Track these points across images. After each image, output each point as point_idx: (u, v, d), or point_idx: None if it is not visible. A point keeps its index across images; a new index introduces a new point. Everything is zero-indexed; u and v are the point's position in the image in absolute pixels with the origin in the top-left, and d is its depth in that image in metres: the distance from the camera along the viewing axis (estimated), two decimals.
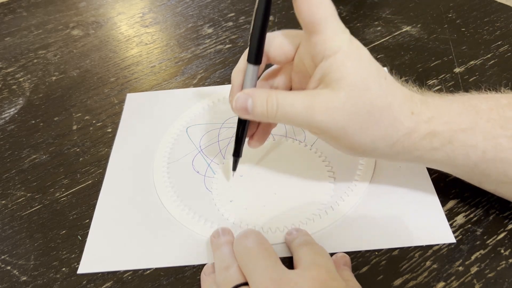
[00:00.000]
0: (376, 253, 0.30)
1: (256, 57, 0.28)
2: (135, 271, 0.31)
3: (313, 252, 0.27)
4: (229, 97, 0.31)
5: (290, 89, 0.32)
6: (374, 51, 0.47)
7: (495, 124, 0.26)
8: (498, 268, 0.28)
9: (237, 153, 0.33)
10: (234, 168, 0.34)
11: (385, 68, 0.42)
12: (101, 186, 0.37)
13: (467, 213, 0.31)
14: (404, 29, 0.50)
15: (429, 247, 0.29)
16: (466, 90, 0.41)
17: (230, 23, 0.56)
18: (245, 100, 0.27)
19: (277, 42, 0.29)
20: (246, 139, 0.33)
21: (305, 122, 0.26)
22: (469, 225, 0.30)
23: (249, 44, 0.28)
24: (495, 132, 0.26)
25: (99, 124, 0.43)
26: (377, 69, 0.26)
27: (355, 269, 0.29)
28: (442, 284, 0.28)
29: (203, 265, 0.30)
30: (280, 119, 0.27)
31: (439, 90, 0.41)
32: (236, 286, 0.24)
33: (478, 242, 0.29)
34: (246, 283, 0.24)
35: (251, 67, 0.28)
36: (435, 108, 0.27)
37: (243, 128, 0.31)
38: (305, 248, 0.27)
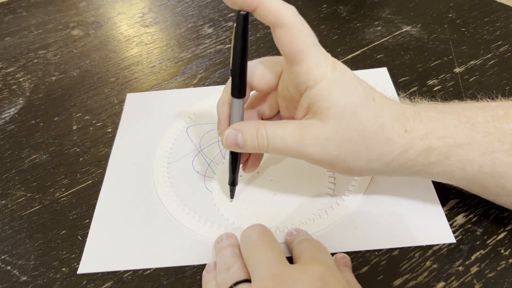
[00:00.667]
0: (376, 253, 0.30)
1: (239, 91, 0.27)
2: (135, 271, 0.31)
3: (313, 247, 0.26)
4: (217, 130, 0.31)
5: (278, 113, 0.31)
6: (374, 51, 0.47)
7: (492, 138, 0.26)
8: (498, 268, 0.28)
9: (232, 183, 0.32)
10: (232, 196, 0.33)
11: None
12: (101, 186, 0.37)
13: (467, 213, 0.31)
14: (404, 29, 0.50)
15: (429, 247, 0.29)
16: (466, 90, 0.41)
17: (230, 23, 0.56)
18: (235, 136, 0.28)
19: (258, 72, 0.28)
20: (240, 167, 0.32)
21: (297, 154, 0.27)
22: (469, 225, 0.30)
23: (231, 78, 0.27)
24: (492, 146, 0.26)
25: (99, 124, 0.43)
26: (364, 90, 0.26)
27: (355, 269, 0.29)
28: (442, 284, 0.28)
29: (203, 265, 0.30)
30: (272, 152, 0.27)
31: (439, 90, 0.41)
32: (237, 283, 0.24)
33: (478, 242, 0.29)
34: (246, 280, 0.24)
35: (236, 101, 0.28)
36: (430, 122, 0.27)
37: (235, 159, 0.31)
38: (305, 244, 0.27)
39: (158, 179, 0.36)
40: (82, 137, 0.42)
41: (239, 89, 0.27)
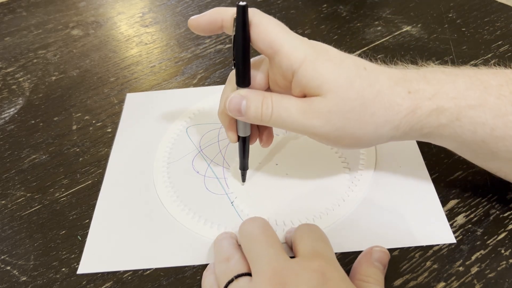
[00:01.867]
0: None
1: (244, 80, 0.28)
2: (135, 271, 0.31)
3: (313, 236, 0.26)
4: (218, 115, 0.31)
5: None
6: (374, 51, 0.47)
7: (505, 101, 0.25)
8: (498, 268, 0.28)
9: (243, 167, 0.33)
10: (243, 180, 0.34)
11: None
12: (101, 186, 0.37)
13: (468, 213, 0.31)
14: (404, 29, 0.50)
15: (429, 247, 0.29)
16: None
17: None
18: (239, 101, 0.27)
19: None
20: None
21: (301, 126, 0.27)
22: (470, 225, 0.30)
23: (235, 69, 0.28)
24: (505, 109, 0.25)
25: (99, 124, 0.43)
26: (353, 61, 0.26)
27: None
28: (442, 284, 0.28)
29: (203, 265, 0.30)
30: (274, 123, 0.27)
31: None
32: (238, 276, 0.24)
33: (478, 242, 0.29)
34: (246, 274, 0.24)
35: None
36: (438, 84, 0.26)
37: (244, 144, 0.32)
38: (304, 231, 0.27)
39: (158, 179, 0.36)
40: (82, 137, 0.42)
41: (243, 78, 0.28)
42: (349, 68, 0.26)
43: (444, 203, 0.32)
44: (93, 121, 0.44)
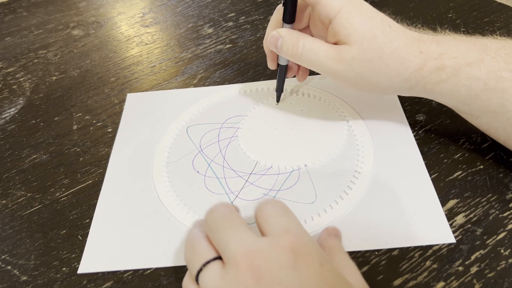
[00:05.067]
0: (376, 253, 0.30)
1: (290, 17, 0.33)
2: (135, 271, 0.31)
3: (277, 213, 0.25)
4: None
5: None
6: None
7: (500, 60, 0.29)
8: (498, 268, 0.28)
9: (279, 90, 0.40)
10: (278, 101, 0.41)
11: None
12: (101, 186, 0.37)
13: (467, 213, 0.31)
14: None
15: (429, 247, 0.30)
16: None
17: (230, 23, 0.56)
18: (276, 39, 0.33)
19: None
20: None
21: (326, 69, 0.32)
22: (469, 225, 0.30)
23: (283, 7, 0.32)
24: (498, 66, 0.29)
25: (99, 124, 0.43)
26: (381, 19, 0.31)
27: None
28: (442, 284, 0.28)
29: None
30: (304, 62, 0.33)
31: None
32: (207, 262, 0.23)
33: (478, 242, 0.29)
34: (217, 258, 0.23)
35: (286, 26, 0.33)
36: (446, 46, 0.30)
37: (283, 71, 0.38)
38: (268, 212, 0.25)
39: (158, 178, 0.36)
40: (83, 137, 0.42)
41: (289, 16, 0.33)
42: (376, 24, 0.30)
43: (443, 203, 0.32)
44: (94, 121, 0.44)
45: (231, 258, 0.22)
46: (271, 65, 0.38)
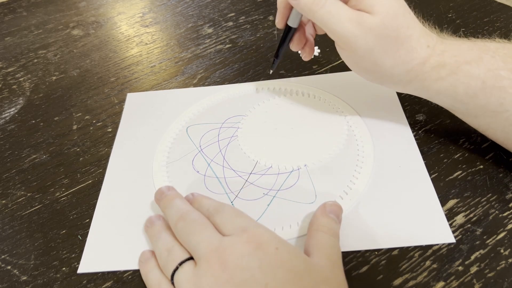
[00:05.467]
0: (376, 253, 0.30)
1: None
2: (135, 271, 0.31)
3: (230, 216, 0.28)
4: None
5: None
6: None
7: (498, 59, 0.30)
8: (497, 268, 0.28)
9: (276, 55, 0.39)
10: (272, 68, 0.40)
11: None
12: (101, 186, 0.37)
13: (467, 213, 0.31)
14: None
15: (429, 247, 0.30)
16: None
17: (230, 23, 0.56)
18: None
19: None
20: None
21: (344, 32, 0.30)
22: (469, 225, 0.30)
23: None
24: (497, 64, 0.29)
25: (99, 124, 0.43)
26: (404, 3, 0.30)
27: (355, 269, 0.29)
28: (441, 284, 0.28)
29: None
30: (321, 17, 0.30)
31: None
32: (182, 262, 0.26)
33: (477, 242, 0.29)
34: (189, 258, 0.26)
35: None
36: (449, 44, 0.31)
37: (288, 33, 0.36)
38: (223, 218, 0.28)
39: (158, 178, 0.36)
40: (82, 137, 0.42)
41: None
42: (401, 4, 0.30)
43: (443, 202, 0.32)
44: (94, 121, 0.44)
45: (202, 256, 0.25)
46: (279, 22, 0.36)
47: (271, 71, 0.40)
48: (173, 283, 0.26)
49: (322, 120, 0.39)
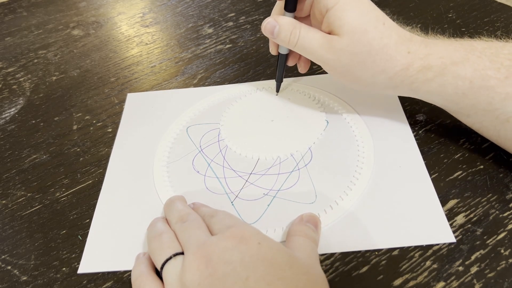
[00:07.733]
0: (376, 253, 0.30)
1: (293, 6, 0.34)
2: None
3: (219, 219, 0.29)
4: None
5: None
6: None
7: (485, 59, 0.30)
8: (498, 268, 0.28)
9: (278, 79, 0.41)
10: (277, 91, 0.42)
11: None
12: (101, 186, 0.37)
13: (467, 213, 0.31)
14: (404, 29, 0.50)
15: (429, 247, 0.30)
16: None
17: (230, 23, 0.56)
18: (273, 26, 0.34)
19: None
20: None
21: (318, 57, 0.33)
22: (469, 225, 0.30)
23: None
24: (483, 64, 0.30)
25: (99, 124, 0.43)
26: (376, 16, 0.31)
27: (355, 269, 0.29)
28: (442, 284, 0.28)
29: None
30: (299, 49, 0.34)
31: None
32: (177, 253, 0.27)
33: (478, 242, 0.29)
34: (181, 253, 0.27)
35: (288, 14, 0.34)
36: (434, 47, 0.31)
37: (283, 60, 0.39)
38: (210, 220, 0.29)
39: (158, 179, 0.36)
40: (83, 137, 0.42)
41: (291, 6, 0.34)
42: (370, 19, 0.31)
43: (443, 203, 0.32)
44: (94, 121, 0.44)
45: (189, 250, 0.27)
46: (273, 50, 0.38)
47: (277, 94, 0.42)
48: (161, 273, 0.27)
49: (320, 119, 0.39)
